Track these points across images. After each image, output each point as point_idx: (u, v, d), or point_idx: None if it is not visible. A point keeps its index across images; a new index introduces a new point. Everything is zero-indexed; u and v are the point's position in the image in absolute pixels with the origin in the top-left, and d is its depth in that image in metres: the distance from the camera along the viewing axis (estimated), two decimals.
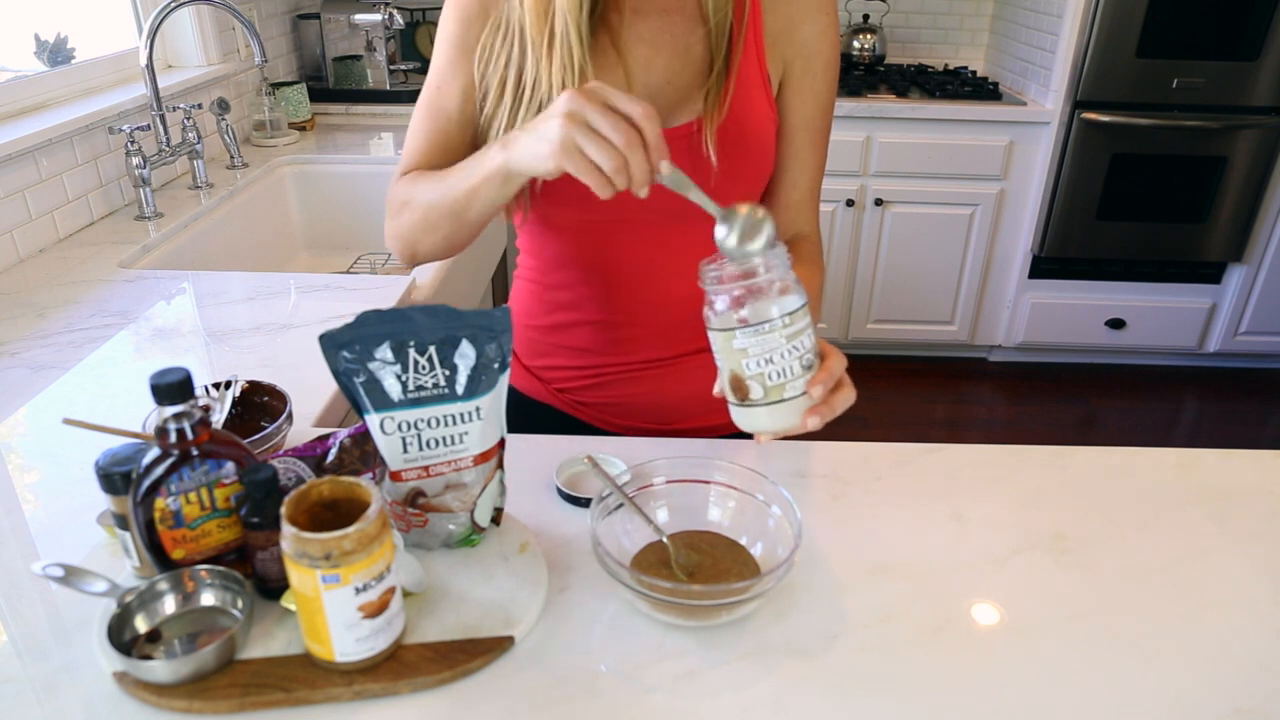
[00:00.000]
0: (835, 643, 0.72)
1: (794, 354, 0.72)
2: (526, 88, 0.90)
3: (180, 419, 0.67)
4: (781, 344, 0.72)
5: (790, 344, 0.72)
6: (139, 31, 2.05)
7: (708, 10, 0.90)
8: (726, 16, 0.91)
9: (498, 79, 0.92)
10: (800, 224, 1.02)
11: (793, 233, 1.02)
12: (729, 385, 0.76)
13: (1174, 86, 2.78)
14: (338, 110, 2.59)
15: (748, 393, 0.74)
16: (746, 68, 0.93)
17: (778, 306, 0.72)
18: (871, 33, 3.22)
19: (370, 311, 0.71)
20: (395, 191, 0.96)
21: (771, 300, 0.72)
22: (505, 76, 0.91)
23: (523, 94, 0.90)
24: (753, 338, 0.72)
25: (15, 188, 1.52)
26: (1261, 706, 0.67)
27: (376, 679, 0.66)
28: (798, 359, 0.73)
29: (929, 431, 2.95)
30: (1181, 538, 0.85)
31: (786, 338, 0.72)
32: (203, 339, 1.23)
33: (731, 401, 0.76)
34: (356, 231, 2.19)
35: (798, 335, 0.72)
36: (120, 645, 0.66)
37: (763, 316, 0.71)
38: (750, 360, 0.72)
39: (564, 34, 0.87)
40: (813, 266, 1.00)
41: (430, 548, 0.78)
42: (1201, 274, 3.08)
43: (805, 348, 0.73)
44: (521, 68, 0.90)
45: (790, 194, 1.01)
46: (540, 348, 1.10)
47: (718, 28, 0.91)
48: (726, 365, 0.75)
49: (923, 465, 0.95)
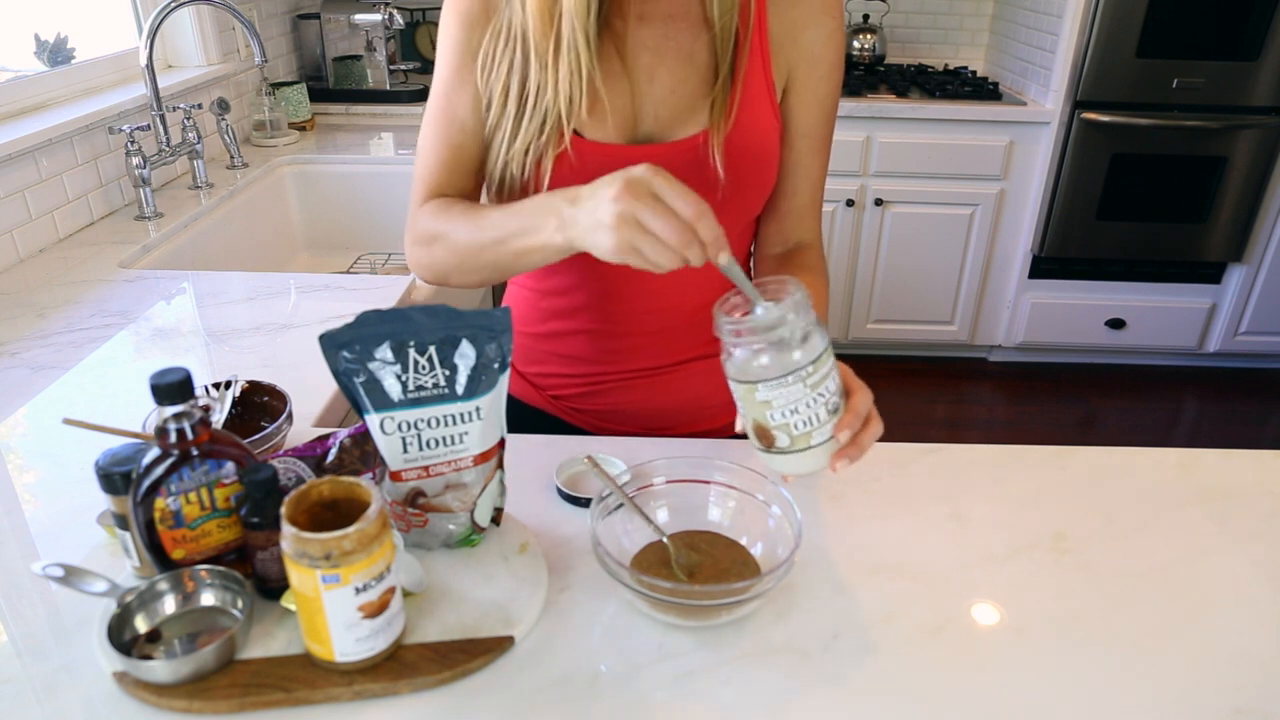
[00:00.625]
0: (835, 643, 0.72)
1: (819, 401, 0.70)
2: (530, 95, 0.88)
3: (180, 419, 0.67)
4: (806, 394, 0.70)
5: (814, 392, 0.70)
6: (139, 31, 2.05)
7: (712, 15, 0.88)
8: (732, 21, 0.88)
9: (500, 86, 0.89)
10: (802, 232, 1.01)
11: (795, 241, 1.01)
12: (753, 433, 0.74)
13: (1174, 86, 2.78)
14: (338, 110, 2.59)
15: (773, 441, 0.72)
16: (752, 75, 0.91)
17: (801, 354, 0.69)
18: (871, 33, 3.22)
19: (370, 311, 0.71)
20: (420, 222, 0.93)
21: (794, 349, 0.69)
22: (509, 84, 0.89)
23: (526, 102, 0.88)
24: (776, 390, 0.69)
25: (15, 188, 1.52)
26: (1261, 706, 0.67)
27: (376, 679, 0.66)
28: (823, 405, 0.71)
29: (929, 431, 2.95)
30: (1181, 538, 0.85)
31: (810, 386, 0.70)
32: (203, 339, 1.23)
33: (757, 447, 0.75)
34: (356, 231, 2.19)
35: (822, 382, 0.70)
36: (120, 645, 0.66)
37: (786, 368, 0.69)
38: (774, 411, 0.70)
39: (571, 39, 0.84)
40: (817, 275, 0.98)
41: (430, 548, 0.78)
42: (1201, 274, 3.08)
43: (830, 392, 0.71)
44: (525, 75, 0.88)
45: (792, 201, 0.99)
46: (535, 355, 1.09)
47: (723, 32, 0.89)
48: (750, 415, 0.73)
49: (923, 465, 0.95)
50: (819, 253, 1.01)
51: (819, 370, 0.70)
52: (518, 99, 0.89)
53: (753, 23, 0.90)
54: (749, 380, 0.70)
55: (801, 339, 0.69)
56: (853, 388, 0.74)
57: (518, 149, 0.89)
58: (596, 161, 0.90)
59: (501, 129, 0.90)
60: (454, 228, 0.89)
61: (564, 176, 0.89)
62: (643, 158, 0.90)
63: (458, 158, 0.94)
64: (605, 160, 0.90)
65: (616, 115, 0.90)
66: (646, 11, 0.91)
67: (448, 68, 0.93)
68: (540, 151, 0.89)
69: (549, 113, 0.87)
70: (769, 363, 0.69)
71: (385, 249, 2.15)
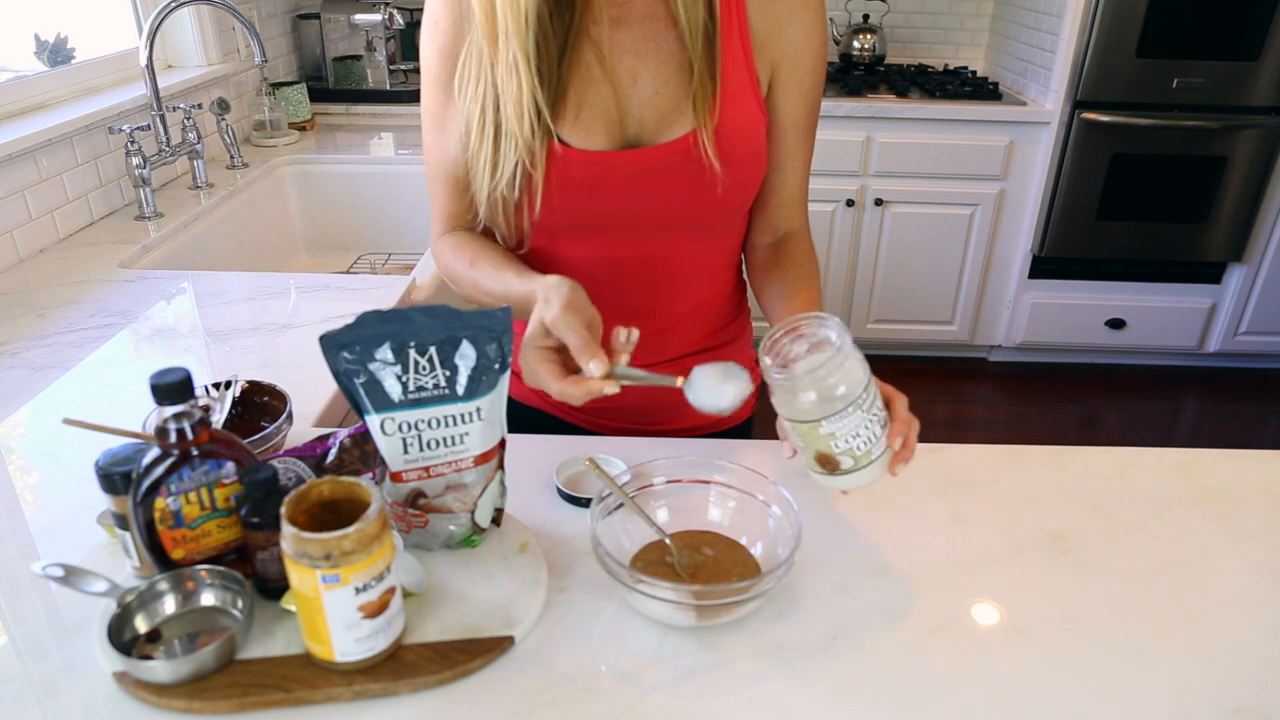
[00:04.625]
0: (835, 643, 0.72)
1: (876, 420, 0.75)
2: (503, 120, 0.87)
3: (180, 419, 0.67)
4: (864, 418, 0.73)
5: (869, 414, 0.74)
6: (139, 31, 2.05)
7: (677, 12, 0.87)
8: (697, 15, 0.87)
9: (478, 107, 0.89)
10: (790, 221, 1.02)
11: (784, 230, 1.02)
12: (815, 461, 0.77)
13: (1174, 86, 2.78)
14: (338, 110, 2.59)
15: (838, 466, 0.76)
16: (734, 71, 0.90)
17: (855, 385, 0.73)
18: (871, 33, 3.22)
19: (370, 312, 0.71)
20: (444, 260, 0.97)
21: (845, 380, 0.73)
22: (485, 104, 0.88)
23: (501, 126, 0.88)
24: (839, 422, 0.73)
25: (15, 188, 1.52)
26: (1261, 706, 0.67)
27: (376, 679, 0.66)
28: (878, 423, 0.75)
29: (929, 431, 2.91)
30: (1181, 538, 0.85)
31: (866, 409, 0.73)
32: (202, 339, 1.23)
33: (818, 472, 0.78)
34: (356, 231, 2.19)
35: (874, 402, 0.74)
36: (120, 645, 0.66)
37: (846, 401, 0.73)
38: (839, 441, 0.74)
39: (510, 61, 0.85)
40: (808, 263, 0.99)
41: (431, 548, 0.78)
42: (1201, 274, 3.08)
43: (880, 409, 0.75)
44: (497, 96, 0.88)
45: (781, 193, 1.00)
46: None
47: (690, 26, 0.87)
48: (811, 447, 0.76)
49: (923, 465, 0.95)
50: (808, 240, 1.03)
51: (870, 393, 0.74)
52: (493, 119, 0.88)
53: (733, 19, 0.90)
54: (810, 420, 0.74)
55: (853, 371, 0.73)
56: (890, 395, 0.78)
57: (504, 172, 0.89)
58: (584, 171, 0.90)
59: (483, 156, 0.90)
60: (478, 279, 0.92)
61: (554, 187, 0.90)
62: (632, 162, 0.90)
63: (460, 189, 0.96)
64: (594, 169, 0.90)
65: (601, 121, 0.90)
66: (623, 14, 0.90)
67: (434, 104, 0.94)
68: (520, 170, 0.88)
69: (517, 143, 0.87)
70: (828, 399, 0.73)
71: (385, 249, 2.15)
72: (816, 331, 0.76)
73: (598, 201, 0.92)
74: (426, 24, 0.93)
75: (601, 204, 0.92)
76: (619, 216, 0.93)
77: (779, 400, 0.76)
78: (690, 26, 0.88)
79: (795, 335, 0.77)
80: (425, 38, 0.93)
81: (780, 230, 1.02)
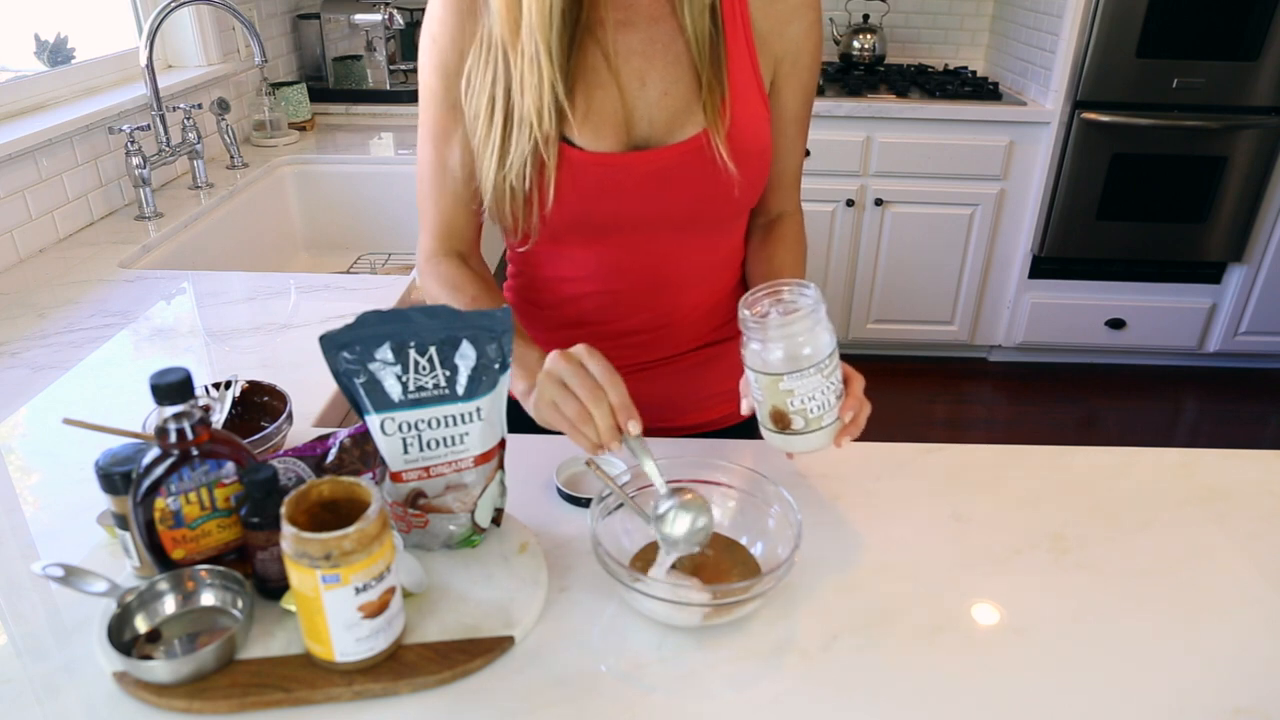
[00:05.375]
0: (835, 643, 0.72)
1: (831, 389, 0.80)
2: (515, 108, 0.87)
3: (180, 419, 0.67)
4: (823, 383, 0.79)
5: (828, 381, 0.79)
6: (139, 31, 2.05)
7: (684, 21, 0.88)
8: (703, 24, 0.88)
9: (486, 98, 0.89)
10: (785, 203, 1.06)
11: (779, 210, 1.06)
12: (769, 417, 0.82)
13: (1174, 86, 2.78)
14: (338, 110, 2.59)
15: (789, 424, 0.81)
16: (741, 72, 0.91)
17: (821, 349, 0.78)
18: (871, 33, 3.22)
19: (370, 312, 0.71)
20: (433, 291, 0.97)
21: (814, 345, 0.78)
22: (494, 94, 0.88)
23: (512, 111, 0.88)
24: (799, 380, 0.78)
25: (15, 188, 1.52)
26: (1261, 706, 0.67)
27: (376, 679, 0.66)
28: (833, 392, 0.80)
29: (929, 431, 2.95)
30: (1181, 538, 0.85)
31: (825, 375, 0.79)
32: (202, 339, 1.23)
33: (769, 429, 0.83)
34: (356, 231, 2.19)
35: (834, 372, 0.80)
36: (120, 645, 0.66)
37: (809, 361, 0.78)
38: (795, 399, 0.79)
39: (534, 54, 0.85)
40: (796, 244, 1.04)
41: (431, 548, 0.78)
42: (1201, 274, 3.08)
43: (838, 380, 0.81)
44: (509, 85, 0.88)
45: (779, 178, 1.03)
46: None
47: (696, 34, 0.88)
48: (769, 400, 0.81)
49: (923, 465, 0.95)
50: (799, 221, 1.07)
51: (832, 362, 0.80)
52: (504, 110, 0.88)
53: (738, 20, 0.91)
54: (774, 373, 0.79)
55: (820, 336, 0.78)
56: (850, 375, 0.83)
57: (513, 161, 0.88)
58: (593, 173, 0.90)
59: (490, 147, 0.89)
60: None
61: (566, 188, 0.89)
62: (644, 163, 0.90)
63: (456, 204, 0.97)
64: (603, 171, 0.90)
65: (608, 123, 0.90)
66: (628, 17, 0.90)
67: (433, 120, 0.94)
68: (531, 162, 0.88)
69: (533, 129, 0.87)
70: (794, 356, 0.78)
71: (385, 249, 2.15)
72: (796, 294, 0.81)
73: (609, 202, 0.92)
74: (424, 41, 0.93)
75: (612, 205, 0.92)
76: (628, 217, 0.93)
77: (749, 353, 0.80)
78: (696, 35, 0.89)
79: (776, 297, 0.82)
80: (424, 56, 0.93)
81: (774, 211, 1.06)
